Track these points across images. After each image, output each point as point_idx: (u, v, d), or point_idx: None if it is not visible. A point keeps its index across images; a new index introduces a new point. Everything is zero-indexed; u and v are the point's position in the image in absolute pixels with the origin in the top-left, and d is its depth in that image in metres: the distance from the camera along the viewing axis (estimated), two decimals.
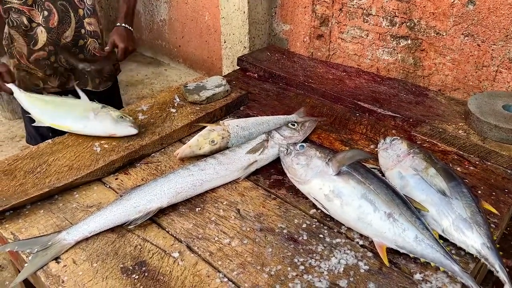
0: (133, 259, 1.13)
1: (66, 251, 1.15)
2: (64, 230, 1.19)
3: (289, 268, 1.10)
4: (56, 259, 1.13)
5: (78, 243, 1.18)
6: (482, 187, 1.35)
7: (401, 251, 1.12)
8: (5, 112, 3.69)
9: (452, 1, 2.45)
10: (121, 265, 1.11)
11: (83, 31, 1.81)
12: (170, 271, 1.09)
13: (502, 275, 1.05)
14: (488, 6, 2.35)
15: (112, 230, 1.22)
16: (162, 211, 1.28)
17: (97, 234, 1.20)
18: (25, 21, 1.73)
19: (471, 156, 1.48)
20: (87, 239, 1.19)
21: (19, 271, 1.18)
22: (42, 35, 1.76)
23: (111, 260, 1.13)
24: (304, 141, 1.55)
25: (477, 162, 1.46)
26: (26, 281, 1.24)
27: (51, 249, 1.15)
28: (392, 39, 2.80)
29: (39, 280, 1.10)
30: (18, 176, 1.36)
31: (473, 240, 1.10)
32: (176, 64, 4.48)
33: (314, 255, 1.13)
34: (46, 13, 1.73)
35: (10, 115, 3.69)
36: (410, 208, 1.16)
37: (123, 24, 1.81)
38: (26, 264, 1.12)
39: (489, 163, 1.45)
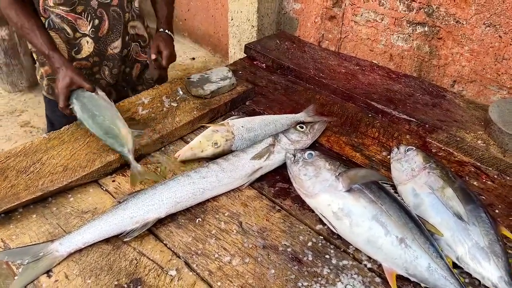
0: (128, 275, 1.08)
1: (59, 263, 1.10)
2: (56, 240, 1.13)
3: None
4: (48, 272, 1.08)
5: (71, 254, 1.12)
6: (499, 205, 1.28)
7: (412, 279, 1.06)
8: (4, 84, 3.61)
9: None
10: (116, 282, 1.06)
11: (127, 38, 1.72)
12: None
13: None
14: None
15: (107, 241, 1.17)
16: (161, 221, 1.22)
17: (91, 245, 1.15)
18: (68, 30, 1.61)
19: (490, 169, 1.40)
20: (80, 250, 1.13)
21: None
22: (87, 46, 1.65)
23: (105, 276, 1.08)
24: (313, 144, 1.48)
25: (495, 176, 1.38)
26: None
27: (43, 261, 1.10)
28: (408, 25, 2.67)
29: None
30: (10, 176, 1.29)
31: (490, 272, 1.04)
32: (181, 37, 4.35)
33: (319, 278, 1.08)
34: (96, 21, 1.61)
35: (10, 88, 3.61)
36: (424, 232, 1.10)
37: (166, 30, 1.69)
38: (16, 277, 1.07)
39: (508, 178, 1.37)
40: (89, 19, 1.59)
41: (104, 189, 1.33)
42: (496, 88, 2.45)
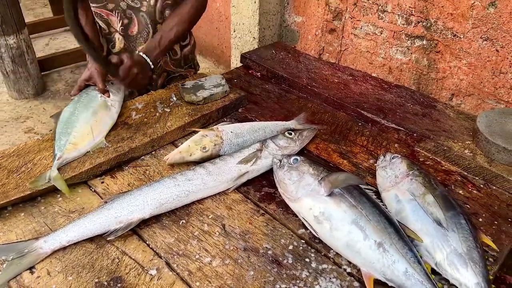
0: (109, 273, 1.09)
1: (42, 260, 1.12)
2: (41, 238, 1.15)
3: None
4: (31, 268, 1.10)
5: (54, 252, 1.14)
6: (484, 214, 1.28)
7: (390, 284, 1.06)
8: (11, 91, 3.68)
9: (472, 2, 2.34)
10: (96, 280, 1.07)
11: None
12: None
13: None
14: (510, 10, 2.23)
15: (91, 239, 1.18)
16: (145, 222, 1.23)
17: (75, 243, 1.17)
18: (103, 25, 1.71)
19: (476, 178, 1.40)
20: (64, 248, 1.15)
21: None
22: (118, 42, 1.74)
23: (87, 273, 1.09)
24: (301, 151, 1.49)
25: (481, 186, 1.38)
26: None
27: (27, 257, 1.11)
28: (407, 38, 2.70)
29: None
30: (0, 176, 1.32)
31: (467, 278, 1.04)
32: None
33: (298, 281, 1.08)
34: (126, 21, 1.68)
35: (16, 95, 3.68)
36: (403, 238, 1.10)
37: (141, 53, 1.57)
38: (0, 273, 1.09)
39: (494, 188, 1.37)
40: (119, 17, 1.67)
41: (93, 190, 1.36)
42: (494, 102, 2.45)
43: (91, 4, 1.68)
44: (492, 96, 2.48)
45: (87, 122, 1.47)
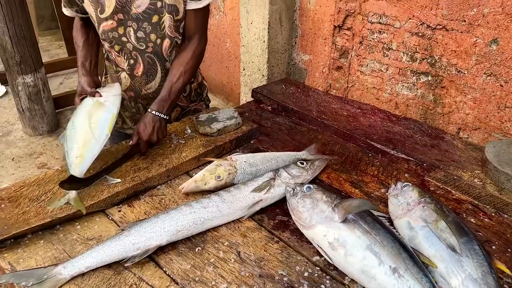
0: None
1: (61, 286, 1.13)
2: (60, 264, 1.17)
3: None
4: None
5: (73, 278, 1.15)
6: (496, 242, 1.28)
7: None
8: (26, 128, 3.77)
9: (474, 40, 2.41)
10: None
11: None
12: None
13: None
14: None
15: (108, 266, 1.19)
16: (161, 249, 1.25)
17: (93, 269, 1.18)
18: (111, 65, 1.80)
19: (487, 207, 1.41)
20: (83, 274, 1.16)
21: None
22: (125, 80, 1.80)
23: None
24: (313, 181, 1.51)
25: (492, 214, 1.39)
26: None
27: (46, 283, 1.13)
28: (412, 74, 2.77)
29: None
30: (22, 204, 1.36)
31: None
32: None
33: None
34: (132, 61, 1.74)
35: (31, 131, 3.76)
36: (417, 263, 1.10)
37: (154, 111, 1.61)
38: None
39: (505, 216, 1.38)
40: (125, 58, 1.74)
41: (110, 218, 1.38)
42: (501, 136, 2.48)
43: (105, 42, 1.74)
44: (498, 130, 2.51)
45: (84, 129, 1.46)
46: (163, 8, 1.60)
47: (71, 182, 1.38)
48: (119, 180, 1.47)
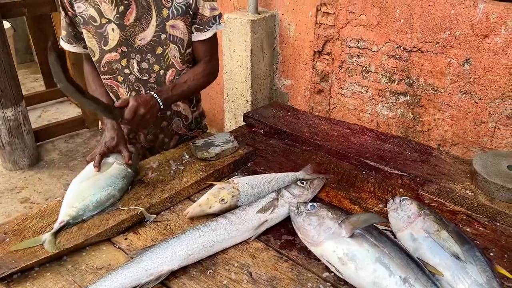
0: None
1: None
2: None
3: None
4: None
5: None
6: (493, 249, 1.34)
7: None
8: (6, 162, 3.69)
9: (448, 60, 2.54)
10: None
11: (169, 112, 1.85)
12: None
13: None
14: (484, 66, 2.43)
15: None
16: (173, 274, 1.25)
17: None
18: (113, 96, 1.80)
19: (480, 216, 1.48)
20: None
21: None
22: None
23: None
24: (313, 199, 1.55)
25: (486, 223, 1.45)
26: None
27: None
28: (391, 95, 2.88)
29: None
30: (27, 237, 1.34)
31: None
32: None
33: None
34: (134, 93, 1.76)
35: (11, 166, 3.68)
36: (425, 272, 1.14)
37: (153, 93, 1.59)
38: None
39: (498, 224, 1.45)
40: (127, 89, 1.75)
41: (117, 246, 1.37)
42: (479, 150, 2.59)
43: (102, 77, 1.77)
44: (476, 144, 2.62)
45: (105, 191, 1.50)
46: (168, 40, 1.64)
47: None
48: (154, 216, 1.49)
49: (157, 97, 1.58)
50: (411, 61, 2.70)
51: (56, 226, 1.36)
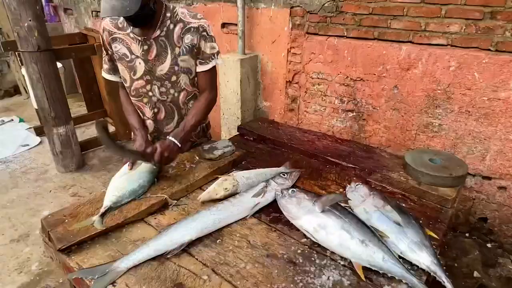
0: (172, 281, 1.07)
1: (120, 276, 1.09)
2: (118, 260, 1.12)
3: (291, 285, 1.05)
4: (113, 283, 1.06)
5: (129, 270, 1.11)
6: (422, 218, 1.35)
7: (373, 268, 1.09)
8: (59, 166, 3.57)
9: (382, 86, 2.58)
10: (163, 287, 1.05)
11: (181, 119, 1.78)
12: None
13: (448, 285, 1.04)
14: (407, 90, 2.48)
15: (154, 259, 1.16)
16: (192, 243, 1.22)
17: (143, 262, 1.14)
18: (140, 113, 1.74)
19: (411, 195, 1.49)
20: (135, 266, 1.12)
21: None
22: (150, 126, 1.77)
23: (155, 283, 1.06)
24: (293, 186, 1.54)
25: (416, 200, 1.47)
26: None
27: (108, 276, 1.08)
28: (342, 112, 2.90)
29: None
30: (81, 218, 1.30)
31: (424, 258, 1.09)
32: None
33: (309, 274, 1.10)
34: (156, 110, 1.72)
35: (63, 169, 3.56)
36: (376, 235, 1.15)
37: (170, 137, 1.57)
38: None
39: (424, 200, 1.46)
40: (150, 108, 1.71)
41: (149, 224, 1.34)
42: (405, 150, 2.63)
43: (132, 98, 1.73)
44: (403, 146, 2.66)
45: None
46: (179, 71, 1.62)
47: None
48: (175, 201, 1.45)
49: (175, 140, 1.57)
50: (356, 87, 2.74)
51: (102, 210, 1.32)
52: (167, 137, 1.60)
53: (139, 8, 1.36)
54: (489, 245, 2.48)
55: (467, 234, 2.57)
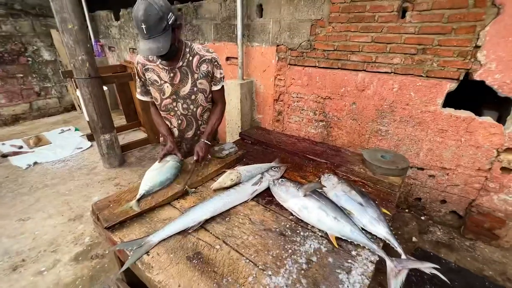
0: (193, 250, 1.03)
1: (152, 247, 1.04)
2: (151, 235, 1.08)
3: (283, 252, 1.02)
4: (147, 253, 1.02)
5: (159, 242, 1.07)
6: (377, 200, 1.33)
7: (343, 238, 1.07)
8: (105, 164, 3.48)
9: (344, 103, 2.57)
10: (186, 255, 1.01)
11: (198, 131, 1.71)
12: (215, 257, 1.00)
13: (399, 249, 1.01)
14: (362, 105, 2.47)
15: (178, 233, 1.12)
16: (207, 221, 1.18)
17: (170, 236, 1.09)
18: (168, 123, 1.69)
19: (369, 182, 1.47)
20: (164, 239, 1.08)
21: (121, 262, 1.05)
22: (176, 132, 1.71)
23: (180, 251, 1.02)
24: (282, 177, 1.51)
25: (372, 186, 1.45)
26: (126, 270, 1.10)
27: (144, 247, 1.04)
28: (315, 121, 2.88)
29: (137, 267, 0.98)
30: (122, 203, 1.24)
31: (381, 230, 1.07)
32: None
33: (296, 243, 1.06)
34: (180, 121, 1.66)
35: (109, 166, 3.47)
36: (345, 213, 1.13)
37: (203, 140, 1.58)
38: (129, 257, 1.00)
39: (378, 186, 1.44)
40: (176, 119, 1.66)
41: (174, 206, 1.29)
42: (361, 149, 2.62)
43: (162, 113, 1.68)
44: (359, 146, 2.65)
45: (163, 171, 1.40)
46: (198, 91, 1.59)
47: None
48: (194, 189, 1.39)
49: (206, 141, 1.57)
50: (325, 103, 2.72)
51: (138, 196, 1.27)
52: (201, 140, 1.58)
53: (168, 48, 1.33)
54: (423, 218, 2.48)
55: (406, 210, 2.57)
